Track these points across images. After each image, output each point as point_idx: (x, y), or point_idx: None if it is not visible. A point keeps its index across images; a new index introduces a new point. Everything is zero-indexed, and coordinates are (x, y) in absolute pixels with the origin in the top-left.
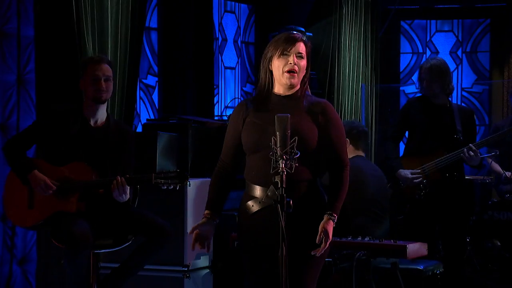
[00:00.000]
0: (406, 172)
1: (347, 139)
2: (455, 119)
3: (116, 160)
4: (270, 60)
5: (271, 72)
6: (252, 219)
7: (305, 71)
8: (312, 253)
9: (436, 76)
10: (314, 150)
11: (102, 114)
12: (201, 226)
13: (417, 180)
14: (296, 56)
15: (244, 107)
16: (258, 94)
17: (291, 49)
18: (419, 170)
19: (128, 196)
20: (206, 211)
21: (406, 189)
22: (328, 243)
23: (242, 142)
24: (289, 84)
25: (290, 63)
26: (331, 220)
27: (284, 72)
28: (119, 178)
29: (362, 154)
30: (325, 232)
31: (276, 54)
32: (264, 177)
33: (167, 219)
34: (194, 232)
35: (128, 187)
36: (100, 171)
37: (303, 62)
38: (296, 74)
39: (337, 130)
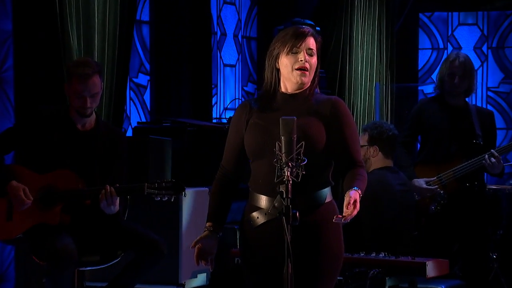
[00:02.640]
0: (421, 182)
1: (376, 146)
2: (474, 122)
3: (106, 167)
4: (277, 57)
5: (277, 70)
6: (257, 233)
7: (315, 69)
8: (336, 220)
9: (469, 73)
10: (324, 156)
11: (90, 117)
12: (203, 240)
13: (432, 190)
14: (306, 53)
15: (248, 108)
16: (263, 93)
17: (300, 45)
18: (435, 179)
19: (117, 207)
20: (208, 223)
21: (421, 201)
22: (355, 212)
23: (245, 146)
24: (300, 82)
25: (301, 60)
26: (355, 191)
27: (294, 69)
28: (108, 188)
29: (391, 164)
30: (354, 201)
31: (284, 51)
32: (270, 186)
33: (161, 233)
34: (197, 246)
35: (118, 198)
36: (87, 180)
37: (314, 59)
38: (307, 72)
39: (350, 129)
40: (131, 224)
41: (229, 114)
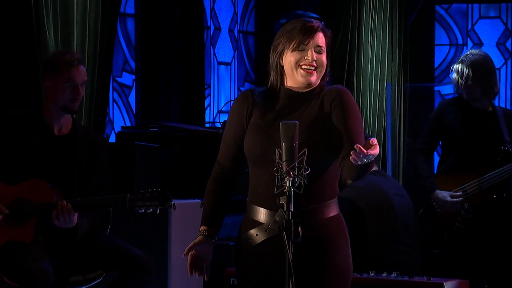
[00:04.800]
0: (445, 195)
1: None
2: (502, 127)
3: (85, 177)
4: (281, 54)
5: (282, 67)
6: (256, 251)
7: (325, 67)
8: (353, 155)
9: (479, 76)
10: (330, 163)
11: (66, 119)
12: (197, 246)
13: (458, 204)
14: (314, 50)
15: (250, 100)
16: (268, 90)
17: (308, 42)
18: (458, 191)
19: (74, 221)
20: (203, 227)
21: (443, 216)
22: (376, 151)
23: (244, 149)
24: (306, 83)
25: (307, 59)
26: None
27: (299, 67)
28: (64, 203)
29: (376, 167)
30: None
31: (290, 47)
32: (271, 198)
33: (147, 250)
34: (190, 253)
35: (75, 214)
36: (64, 191)
37: (323, 57)
38: (314, 72)
39: (353, 118)
40: (114, 241)
41: (224, 117)
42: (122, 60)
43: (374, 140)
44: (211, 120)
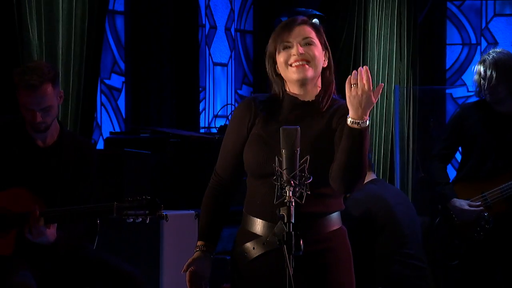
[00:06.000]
0: (463, 203)
1: None
2: None
3: (71, 187)
4: (274, 60)
5: (279, 75)
6: (253, 265)
7: (322, 61)
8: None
9: (503, 75)
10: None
11: (51, 129)
12: (196, 262)
13: (477, 213)
14: (301, 44)
15: (253, 109)
16: (272, 97)
17: (291, 36)
18: (479, 199)
19: (51, 237)
20: (200, 242)
21: (462, 226)
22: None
23: (244, 160)
24: (300, 79)
25: (294, 55)
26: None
27: (290, 66)
28: (37, 214)
29: (373, 175)
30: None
31: (278, 50)
32: (270, 208)
33: (138, 265)
34: (189, 270)
35: (47, 228)
36: (48, 200)
37: (313, 48)
38: (306, 66)
39: None
40: (101, 255)
41: (220, 122)
42: (111, 61)
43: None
44: (206, 125)
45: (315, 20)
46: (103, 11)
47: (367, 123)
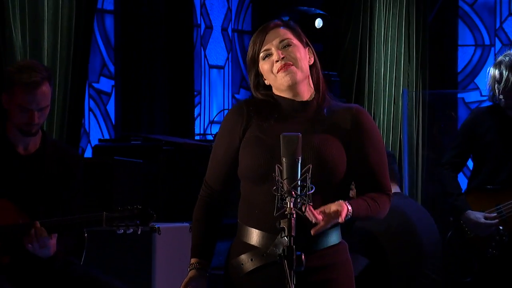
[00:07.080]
0: (478, 216)
1: None
2: None
3: (54, 197)
4: (257, 68)
5: (269, 86)
6: (249, 280)
7: (307, 59)
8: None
9: None
10: (339, 182)
11: (36, 134)
12: (193, 281)
13: (492, 227)
14: (279, 48)
15: (244, 113)
16: (264, 100)
17: (267, 41)
18: (493, 211)
19: (52, 249)
20: (193, 259)
21: (474, 240)
22: (325, 223)
23: (240, 166)
24: (291, 83)
25: (276, 61)
26: (345, 205)
27: (275, 74)
28: (38, 224)
29: (397, 188)
30: (329, 213)
31: (260, 58)
32: (269, 219)
33: (129, 281)
34: None
35: (50, 238)
36: (31, 212)
37: (293, 49)
38: (292, 67)
39: (376, 148)
40: (89, 271)
41: (216, 129)
42: (100, 63)
43: (326, 208)
44: (202, 132)
45: (286, 19)
46: (92, 10)
47: (351, 213)
